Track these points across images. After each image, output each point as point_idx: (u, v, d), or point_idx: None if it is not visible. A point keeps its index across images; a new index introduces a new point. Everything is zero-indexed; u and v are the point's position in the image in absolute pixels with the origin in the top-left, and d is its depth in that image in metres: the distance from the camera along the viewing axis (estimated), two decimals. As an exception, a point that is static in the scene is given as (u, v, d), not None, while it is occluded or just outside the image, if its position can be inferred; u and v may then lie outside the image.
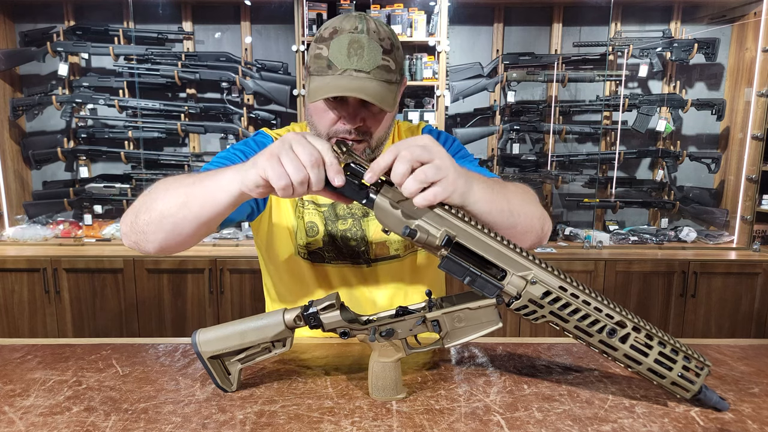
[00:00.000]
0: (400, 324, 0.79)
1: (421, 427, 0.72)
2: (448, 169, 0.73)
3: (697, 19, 2.99)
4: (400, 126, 1.20)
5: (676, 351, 0.76)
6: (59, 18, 2.94)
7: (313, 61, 0.96)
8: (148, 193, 0.88)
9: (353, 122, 0.96)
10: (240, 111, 2.94)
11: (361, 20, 0.94)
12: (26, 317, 2.67)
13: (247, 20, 2.99)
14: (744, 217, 2.88)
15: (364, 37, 0.92)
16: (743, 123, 2.88)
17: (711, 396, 0.76)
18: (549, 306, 0.75)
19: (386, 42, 0.95)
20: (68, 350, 0.98)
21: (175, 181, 0.87)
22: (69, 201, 2.97)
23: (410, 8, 2.74)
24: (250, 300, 2.67)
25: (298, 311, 0.80)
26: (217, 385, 0.81)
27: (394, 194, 0.74)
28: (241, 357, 0.81)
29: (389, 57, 0.94)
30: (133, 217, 0.88)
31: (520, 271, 0.74)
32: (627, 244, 2.92)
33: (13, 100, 2.87)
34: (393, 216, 0.74)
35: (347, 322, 0.79)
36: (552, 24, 3.01)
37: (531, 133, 3.06)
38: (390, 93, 0.95)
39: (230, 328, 0.81)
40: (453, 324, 0.78)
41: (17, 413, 0.75)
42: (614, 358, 0.77)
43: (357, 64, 0.91)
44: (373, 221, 1.11)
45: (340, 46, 0.92)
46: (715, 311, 2.72)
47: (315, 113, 0.99)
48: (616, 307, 0.75)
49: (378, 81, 0.92)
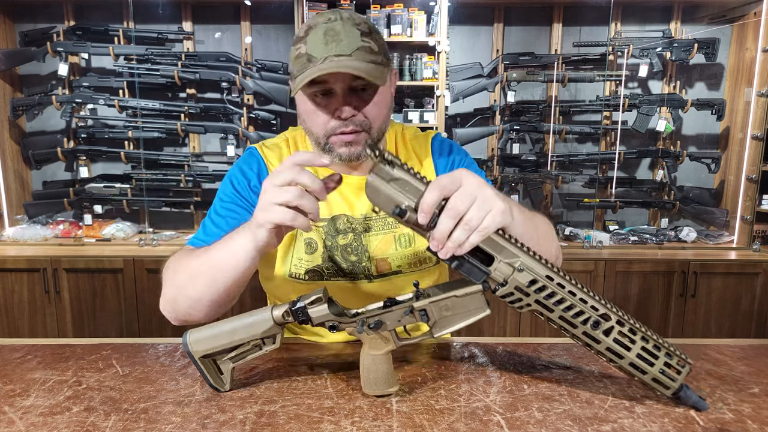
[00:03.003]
0: (388, 315, 0.79)
1: (421, 427, 0.72)
2: (492, 200, 0.70)
3: (697, 19, 2.99)
4: (405, 133, 1.16)
5: (658, 347, 0.75)
6: (59, 18, 2.94)
7: (294, 63, 0.94)
8: (174, 277, 0.93)
9: (345, 110, 0.93)
10: (240, 111, 2.94)
11: (334, 12, 0.93)
12: (26, 317, 2.67)
13: (247, 20, 2.99)
14: (744, 217, 2.88)
15: (338, 24, 0.91)
16: (743, 123, 2.88)
17: (691, 395, 0.76)
18: (534, 294, 0.74)
19: (363, 26, 0.93)
20: (68, 350, 0.98)
21: (194, 258, 0.91)
22: (69, 201, 2.97)
23: (410, 8, 2.74)
24: (251, 300, 2.65)
25: (286, 307, 0.79)
26: (210, 385, 0.81)
27: (386, 173, 0.72)
28: (233, 355, 0.82)
29: (369, 39, 0.92)
30: (172, 304, 0.94)
31: (507, 258, 0.74)
32: (627, 244, 2.92)
33: (13, 100, 2.87)
34: (384, 195, 0.72)
35: (335, 316, 0.79)
36: (552, 24, 3.01)
37: (531, 133, 3.06)
38: (377, 70, 0.91)
39: (220, 327, 0.81)
40: (441, 313, 0.78)
41: (17, 413, 0.75)
42: (597, 351, 0.77)
43: (336, 50, 0.89)
44: (374, 236, 1.08)
45: (316, 37, 0.90)
46: (715, 311, 2.72)
47: (307, 116, 0.98)
48: (601, 300, 0.75)
49: (361, 61, 0.90)
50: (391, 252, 1.08)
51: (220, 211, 1.04)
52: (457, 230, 0.70)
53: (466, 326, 0.79)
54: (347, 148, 0.97)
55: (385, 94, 0.99)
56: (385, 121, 1.01)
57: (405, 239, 1.09)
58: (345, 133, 0.95)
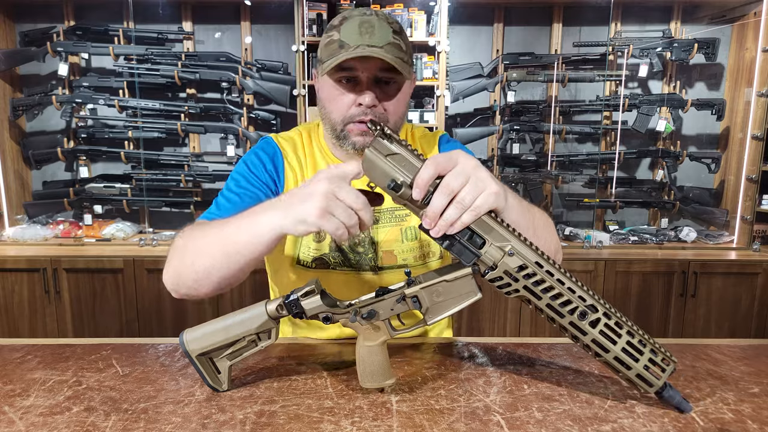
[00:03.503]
0: (381, 304, 0.79)
1: (421, 427, 0.72)
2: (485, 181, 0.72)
3: (697, 19, 2.99)
4: (415, 132, 1.19)
5: (643, 343, 0.76)
6: (59, 18, 2.94)
7: (324, 50, 0.97)
8: (184, 249, 0.90)
9: (368, 95, 0.96)
10: (240, 111, 2.94)
11: (369, 9, 0.99)
12: (26, 317, 2.67)
13: (247, 20, 2.99)
14: (744, 217, 2.88)
15: (374, 18, 0.96)
16: (743, 123, 2.88)
17: (674, 395, 0.76)
18: (523, 280, 0.74)
19: (395, 25, 0.98)
20: (68, 350, 0.98)
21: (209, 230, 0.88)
22: (69, 201, 2.97)
23: (410, 8, 2.74)
24: (251, 300, 2.66)
25: (279, 300, 0.79)
26: (208, 385, 0.81)
27: (384, 147, 0.72)
28: (229, 353, 0.81)
29: (399, 38, 0.97)
30: (176, 277, 0.90)
31: (498, 242, 0.74)
32: (627, 244, 2.92)
33: (13, 100, 2.87)
34: (380, 169, 0.73)
35: (328, 307, 0.79)
36: (552, 24, 3.01)
37: (531, 133, 3.06)
38: (405, 66, 0.96)
39: (215, 324, 0.81)
40: (432, 299, 0.78)
41: (17, 413, 0.75)
42: (583, 343, 0.77)
43: (369, 41, 0.93)
44: (382, 228, 1.09)
45: (351, 27, 0.95)
46: (715, 311, 2.72)
47: (328, 100, 1.00)
48: (589, 291, 0.75)
49: (391, 54, 0.94)
50: (397, 245, 1.10)
51: (233, 188, 1.05)
52: (450, 208, 0.71)
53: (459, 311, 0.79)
54: (362, 137, 0.99)
55: (406, 92, 1.03)
56: (401, 118, 1.04)
57: (411, 233, 1.11)
58: (363, 122, 0.97)
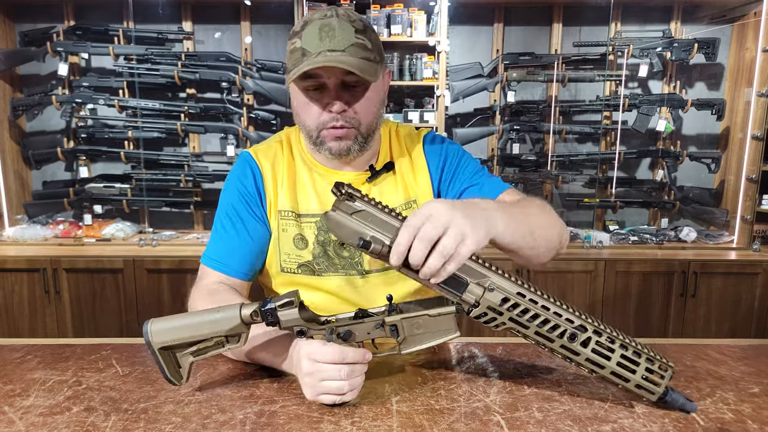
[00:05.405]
0: (359, 326, 0.78)
1: (421, 427, 0.72)
2: (464, 226, 0.70)
3: (697, 19, 2.99)
4: (400, 130, 1.16)
5: (638, 353, 0.75)
6: (59, 18, 2.94)
7: (289, 58, 0.96)
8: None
9: (336, 104, 0.95)
10: (240, 111, 2.94)
11: (330, 9, 0.95)
12: (26, 317, 2.66)
13: (247, 20, 2.98)
14: (744, 217, 2.88)
15: (335, 20, 0.93)
16: (743, 123, 2.88)
17: (677, 398, 0.76)
18: (508, 312, 0.74)
19: (358, 23, 0.94)
20: (68, 350, 0.98)
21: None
22: (69, 201, 2.96)
23: (410, 8, 2.74)
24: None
25: (255, 306, 0.77)
26: (167, 378, 0.79)
27: (348, 207, 0.73)
28: (194, 350, 0.79)
29: (363, 36, 0.94)
30: None
31: (476, 279, 0.74)
32: (627, 244, 2.92)
33: (13, 100, 2.87)
34: (348, 228, 0.73)
35: (305, 321, 0.77)
36: (552, 24, 3.01)
37: (531, 133, 3.06)
38: (370, 67, 0.93)
39: (185, 319, 0.79)
40: (411, 330, 0.78)
41: (17, 413, 0.75)
42: (577, 363, 0.77)
43: (330, 45, 0.91)
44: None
45: (311, 32, 0.92)
46: (715, 311, 2.72)
47: (300, 109, 1.00)
48: (576, 311, 0.75)
49: (354, 57, 0.91)
50: None
51: (227, 226, 1.06)
52: (432, 257, 0.69)
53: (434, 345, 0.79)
54: (337, 143, 0.99)
55: (376, 91, 1.00)
56: (375, 118, 1.02)
57: None
58: (335, 128, 0.97)
